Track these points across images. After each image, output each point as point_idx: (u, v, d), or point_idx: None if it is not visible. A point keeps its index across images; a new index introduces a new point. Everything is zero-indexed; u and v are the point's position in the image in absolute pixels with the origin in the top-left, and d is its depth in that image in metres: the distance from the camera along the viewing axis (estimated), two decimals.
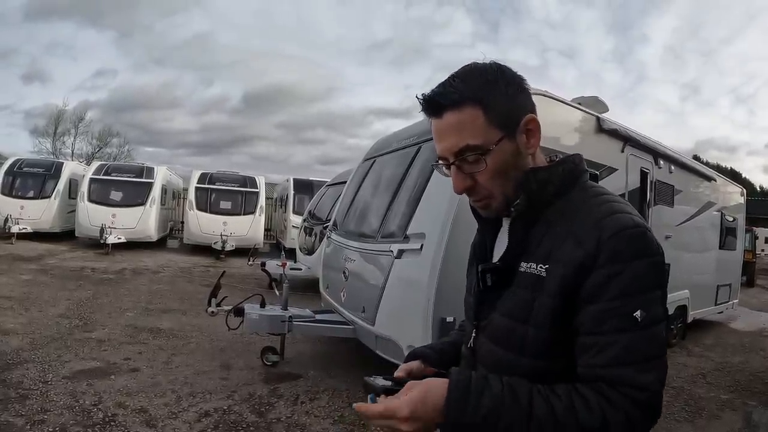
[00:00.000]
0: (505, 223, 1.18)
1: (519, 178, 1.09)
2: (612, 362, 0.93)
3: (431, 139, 1.14)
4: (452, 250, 3.98)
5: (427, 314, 4.00)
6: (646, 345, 0.94)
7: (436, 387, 0.98)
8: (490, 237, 1.23)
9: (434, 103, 1.08)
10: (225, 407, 4.35)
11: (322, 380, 5.12)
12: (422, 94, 1.09)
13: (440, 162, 1.14)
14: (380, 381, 1.08)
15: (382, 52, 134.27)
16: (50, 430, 3.75)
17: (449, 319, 3.96)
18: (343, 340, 5.64)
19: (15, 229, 14.45)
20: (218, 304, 5.56)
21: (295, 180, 17.67)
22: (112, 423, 3.94)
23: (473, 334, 1.19)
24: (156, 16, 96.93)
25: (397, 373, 1.23)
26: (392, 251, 4.48)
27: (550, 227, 1.07)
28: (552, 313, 1.01)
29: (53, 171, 16.60)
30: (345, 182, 7.56)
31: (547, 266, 1.03)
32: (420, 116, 1.12)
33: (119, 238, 14.51)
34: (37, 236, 15.28)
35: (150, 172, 16.89)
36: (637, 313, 0.94)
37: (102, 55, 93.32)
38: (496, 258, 1.18)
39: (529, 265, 1.07)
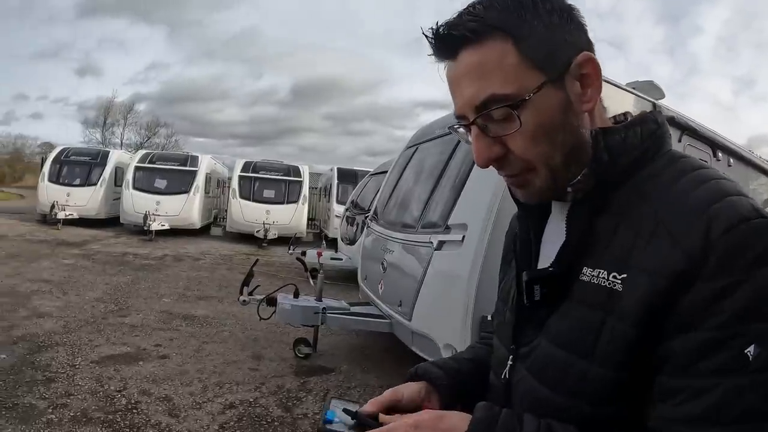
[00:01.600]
0: (557, 210, 0.88)
1: (571, 143, 0.77)
2: (703, 418, 0.63)
3: None
4: (496, 243, 3.71)
5: (467, 311, 3.78)
6: (757, 398, 0.62)
7: (451, 420, 0.77)
8: (535, 229, 0.90)
9: (446, 39, 0.77)
10: (251, 399, 4.22)
11: (354, 375, 4.94)
12: (431, 29, 0.78)
13: (458, 123, 0.82)
14: (338, 416, 0.86)
15: (428, 45, 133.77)
16: (71, 414, 3.70)
17: (490, 317, 3.70)
18: (379, 333, 5.45)
19: (61, 215, 14.96)
20: (250, 293, 5.44)
21: (339, 169, 17.60)
22: (134, 410, 3.85)
23: (509, 363, 0.88)
24: (206, 11, 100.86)
25: (365, 408, 0.89)
26: (432, 242, 4.28)
27: (625, 217, 0.75)
28: (628, 345, 0.70)
29: (99, 159, 17.13)
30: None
31: (624, 276, 0.71)
32: None
33: (163, 225, 14.86)
34: (82, 222, 15.78)
35: (194, 160, 17.20)
36: (750, 349, 0.62)
37: (153, 49, 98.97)
38: (542, 259, 0.87)
39: (595, 273, 0.75)
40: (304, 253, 9.27)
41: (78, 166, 16.73)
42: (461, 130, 0.83)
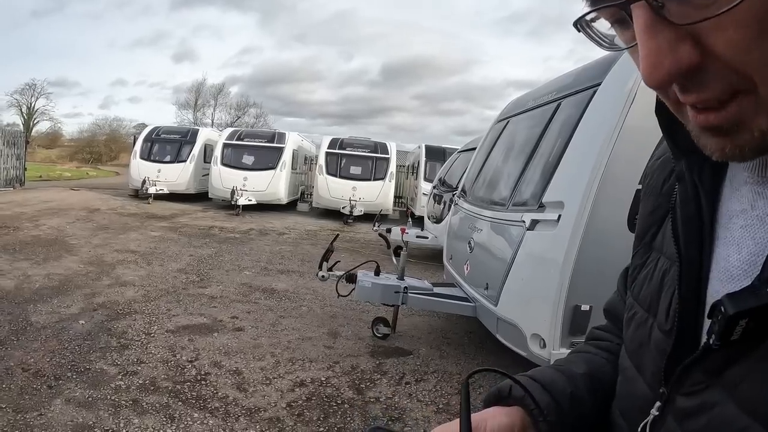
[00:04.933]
0: (752, 180, 0.50)
1: None
2: None
3: (572, 93, 0.53)
4: (595, 224, 3.47)
5: (559, 299, 3.52)
6: None
7: None
8: (709, 200, 0.55)
9: None
10: (323, 378, 4.06)
11: (432, 360, 4.67)
12: None
13: (603, 5, 0.44)
14: None
15: (520, 23, 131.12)
16: (140, 382, 3.71)
17: (585, 307, 3.48)
18: (462, 317, 5.18)
19: (152, 190, 15.94)
20: (330, 269, 5.30)
21: (427, 147, 17.36)
22: (203, 382, 3.81)
23: (654, 412, 0.56)
24: None
25: None
26: (524, 221, 4.01)
27: None
28: None
29: (189, 137, 18.04)
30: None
31: None
32: (562, 70, 0.50)
33: (250, 200, 15.34)
34: (172, 197, 16.64)
35: (281, 137, 17.60)
36: None
37: (247, 35, 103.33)
38: (724, 251, 0.52)
39: None
40: (389, 231, 9.10)
41: (168, 144, 17.69)
42: (602, 21, 0.46)
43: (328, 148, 17.22)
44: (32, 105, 49.25)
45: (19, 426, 3.02)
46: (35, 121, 50.12)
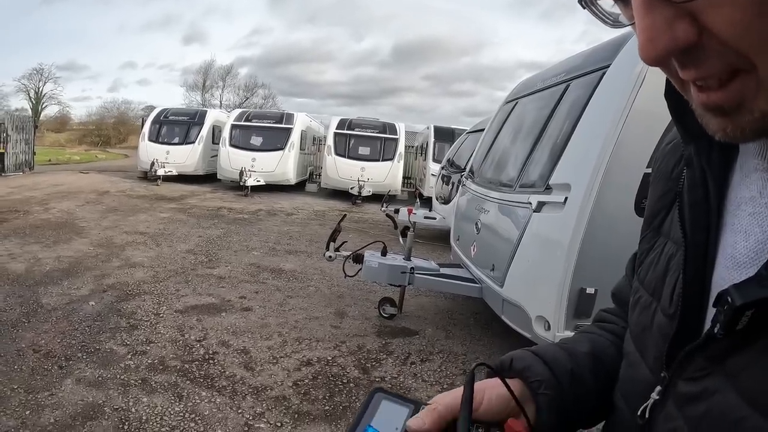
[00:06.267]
0: (762, 167, 0.49)
1: None
2: None
3: (581, 75, 0.51)
4: (602, 207, 3.46)
5: (564, 282, 3.53)
6: None
7: None
8: (717, 183, 0.54)
9: None
10: (329, 358, 4.11)
11: (438, 340, 4.70)
12: None
13: None
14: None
15: (533, 5, 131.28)
16: (149, 361, 3.77)
17: (590, 290, 3.49)
18: (468, 298, 5.20)
19: (161, 172, 16.00)
20: (337, 249, 5.32)
21: (435, 127, 17.23)
22: (211, 361, 3.87)
23: (654, 396, 0.56)
24: None
25: (421, 420, 0.61)
26: (530, 203, 4.01)
27: None
28: None
29: (197, 118, 18.06)
30: None
31: None
32: (574, 52, 0.48)
33: (258, 181, 15.38)
34: (181, 179, 16.71)
35: (290, 118, 17.59)
36: None
37: (257, 16, 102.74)
38: (731, 238, 0.51)
39: None
40: (396, 211, 9.09)
41: (177, 126, 17.72)
42: None
43: (336, 129, 17.19)
44: (40, 90, 49.39)
45: (31, 406, 3.08)
46: (43, 106, 50.33)
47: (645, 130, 3.26)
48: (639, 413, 0.57)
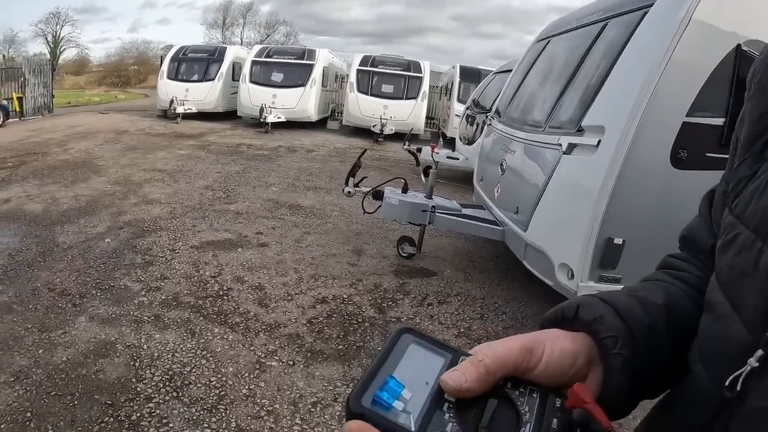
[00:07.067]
0: None
1: None
2: None
3: (621, 14, 0.32)
4: (637, 153, 3.21)
5: (592, 230, 3.32)
6: None
7: None
8: None
9: None
10: (345, 296, 4.02)
11: (456, 283, 4.57)
12: None
13: None
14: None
15: None
16: (162, 297, 3.73)
17: (618, 240, 3.30)
18: (489, 240, 5.02)
19: (180, 109, 15.74)
20: (356, 185, 5.16)
21: (461, 67, 16.60)
22: (225, 297, 3.81)
23: (753, 363, 0.42)
24: None
25: (470, 383, 0.42)
26: (560, 145, 3.76)
27: None
28: None
29: (217, 55, 17.55)
30: None
31: None
32: None
33: (279, 118, 15.15)
34: (201, 116, 16.49)
35: (311, 54, 17.09)
36: None
37: None
38: None
39: None
40: (419, 150, 8.87)
41: (196, 63, 17.29)
42: None
43: (359, 66, 16.73)
44: (57, 33, 48.87)
45: (44, 345, 3.05)
46: (62, 49, 49.92)
47: (684, 80, 3.09)
48: (727, 384, 0.42)
